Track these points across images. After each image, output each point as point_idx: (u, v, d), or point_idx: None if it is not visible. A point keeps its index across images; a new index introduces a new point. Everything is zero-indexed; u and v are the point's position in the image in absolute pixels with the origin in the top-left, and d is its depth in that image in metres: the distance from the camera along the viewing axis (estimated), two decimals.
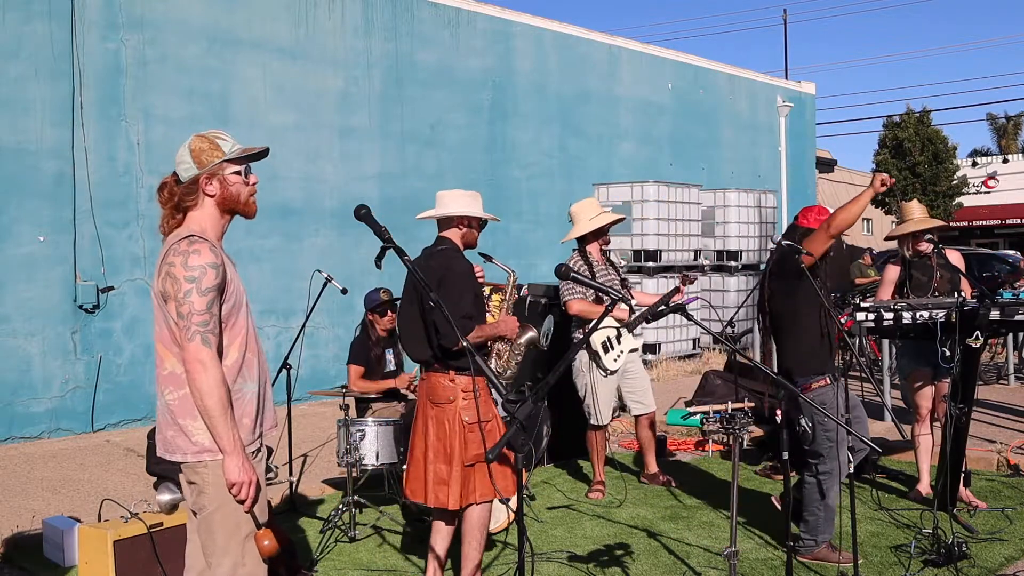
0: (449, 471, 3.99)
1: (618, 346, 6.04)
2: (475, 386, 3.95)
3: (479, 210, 4.21)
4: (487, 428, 3.98)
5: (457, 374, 4.00)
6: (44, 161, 8.47)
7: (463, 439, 3.97)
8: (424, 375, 4.15)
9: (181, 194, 2.89)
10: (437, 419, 4.04)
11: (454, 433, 3.99)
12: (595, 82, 14.05)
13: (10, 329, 8.23)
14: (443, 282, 3.97)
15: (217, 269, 2.79)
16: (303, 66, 10.40)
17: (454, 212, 4.15)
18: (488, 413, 4.05)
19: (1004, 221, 28.88)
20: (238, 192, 2.93)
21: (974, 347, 4.91)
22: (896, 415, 6.49)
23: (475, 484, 4.00)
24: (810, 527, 4.70)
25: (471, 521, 4.07)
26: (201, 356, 2.73)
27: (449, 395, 4.01)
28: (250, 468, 2.81)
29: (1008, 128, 43.67)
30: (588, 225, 6.06)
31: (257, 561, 2.89)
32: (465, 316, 3.97)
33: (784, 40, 34.10)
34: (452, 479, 3.98)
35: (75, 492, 6.31)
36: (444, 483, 4.00)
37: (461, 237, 4.19)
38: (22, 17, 8.38)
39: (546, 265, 12.68)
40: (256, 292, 2.86)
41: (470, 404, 3.97)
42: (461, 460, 3.97)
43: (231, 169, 2.91)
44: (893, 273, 5.80)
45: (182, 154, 2.90)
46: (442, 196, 4.22)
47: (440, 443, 4.02)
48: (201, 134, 2.92)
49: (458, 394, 4.00)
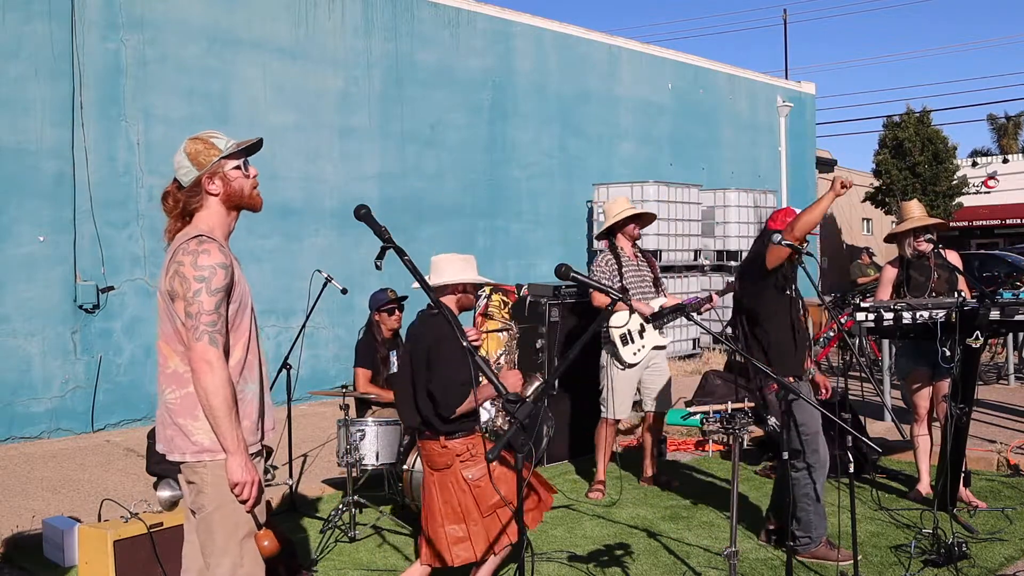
0: (465, 528, 3.97)
1: (639, 340, 6.05)
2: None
3: (474, 275, 4.22)
4: (495, 476, 3.96)
5: (447, 439, 3.97)
6: (44, 161, 8.47)
7: (473, 496, 3.96)
8: (420, 442, 4.14)
9: (186, 199, 2.89)
10: (440, 484, 4.03)
11: (463, 493, 3.97)
12: (595, 82, 14.05)
13: (10, 329, 8.23)
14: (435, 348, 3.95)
15: (227, 269, 2.80)
16: (303, 66, 10.40)
17: (449, 280, 4.14)
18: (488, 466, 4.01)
19: (1004, 221, 28.85)
20: (241, 187, 2.94)
21: (974, 347, 4.91)
22: (896, 415, 6.49)
23: (504, 526, 3.98)
24: (803, 524, 4.71)
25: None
26: (208, 356, 2.74)
27: (446, 461, 3.99)
28: (252, 468, 2.82)
29: (1008, 128, 43.65)
30: (611, 220, 6.17)
31: (255, 561, 2.89)
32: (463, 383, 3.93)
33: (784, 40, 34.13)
34: (472, 534, 3.96)
35: (75, 492, 6.31)
36: (463, 540, 3.97)
37: (457, 302, 4.17)
38: (22, 17, 8.38)
39: (546, 265, 12.68)
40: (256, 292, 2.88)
41: (468, 463, 3.96)
42: (479, 514, 3.96)
43: (231, 165, 2.92)
44: (891, 273, 5.80)
45: (179, 159, 2.90)
46: (436, 263, 4.21)
47: (448, 506, 4.00)
48: (194, 136, 2.93)
49: (454, 459, 3.97)
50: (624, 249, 6.17)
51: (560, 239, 13.25)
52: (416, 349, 4.06)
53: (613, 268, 6.06)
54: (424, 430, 4.05)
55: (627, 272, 6.07)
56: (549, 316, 6.82)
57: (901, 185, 26.08)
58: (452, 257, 4.24)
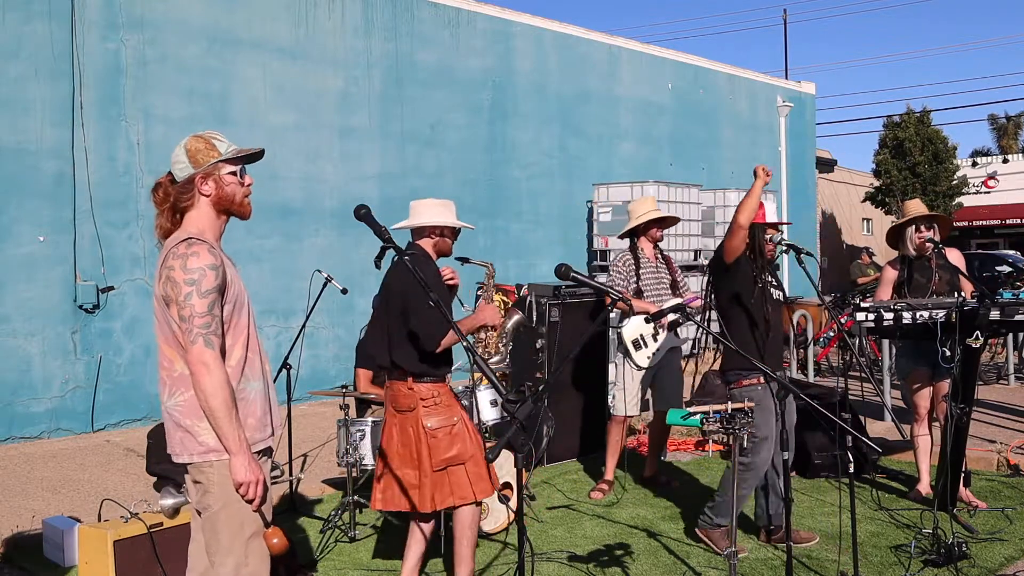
0: (418, 476, 3.98)
1: (653, 344, 6.06)
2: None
3: (452, 219, 4.24)
4: (453, 432, 3.98)
5: (415, 381, 3.98)
6: (44, 161, 8.47)
7: (428, 445, 3.96)
8: (388, 383, 4.13)
9: (177, 193, 2.90)
10: (401, 426, 4.03)
11: (419, 440, 3.97)
12: (595, 82, 14.05)
13: (10, 329, 8.23)
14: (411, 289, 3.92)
15: (217, 270, 2.80)
16: (303, 66, 10.40)
17: (426, 222, 4.16)
18: (452, 417, 4.03)
19: (1004, 221, 28.85)
20: (233, 192, 2.94)
21: (974, 347, 4.91)
22: (896, 415, 6.48)
23: (451, 487, 3.98)
24: (715, 507, 4.89)
25: (460, 522, 4.06)
26: (204, 358, 2.74)
27: (410, 403, 3.99)
28: (257, 467, 2.82)
29: (1008, 128, 43.65)
30: (634, 221, 6.17)
31: (260, 561, 2.89)
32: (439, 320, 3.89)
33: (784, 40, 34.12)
34: (422, 484, 3.97)
35: (75, 492, 6.31)
36: (414, 488, 3.99)
37: (434, 246, 4.19)
38: (22, 17, 8.38)
39: (546, 265, 12.68)
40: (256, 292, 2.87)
41: (431, 410, 3.97)
42: (430, 465, 3.95)
43: (227, 169, 2.93)
44: (891, 273, 5.79)
45: (178, 154, 2.91)
46: (415, 206, 4.23)
47: (406, 449, 4.01)
48: (197, 134, 2.93)
49: (418, 402, 3.97)
50: (644, 250, 6.18)
51: (560, 239, 13.25)
52: (391, 292, 4.06)
53: (631, 268, 6.07)
54: (393, 371, 4.05)
55: (644, 273, 6.08)
56: (549, 316, 6.83)
57: (901, 185, 26.08)
58: (430, 201, 4.26)
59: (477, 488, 4.01)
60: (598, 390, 7.14)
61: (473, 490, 4.00)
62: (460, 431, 4.02)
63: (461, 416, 4.09)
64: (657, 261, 6.23)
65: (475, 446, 4.08)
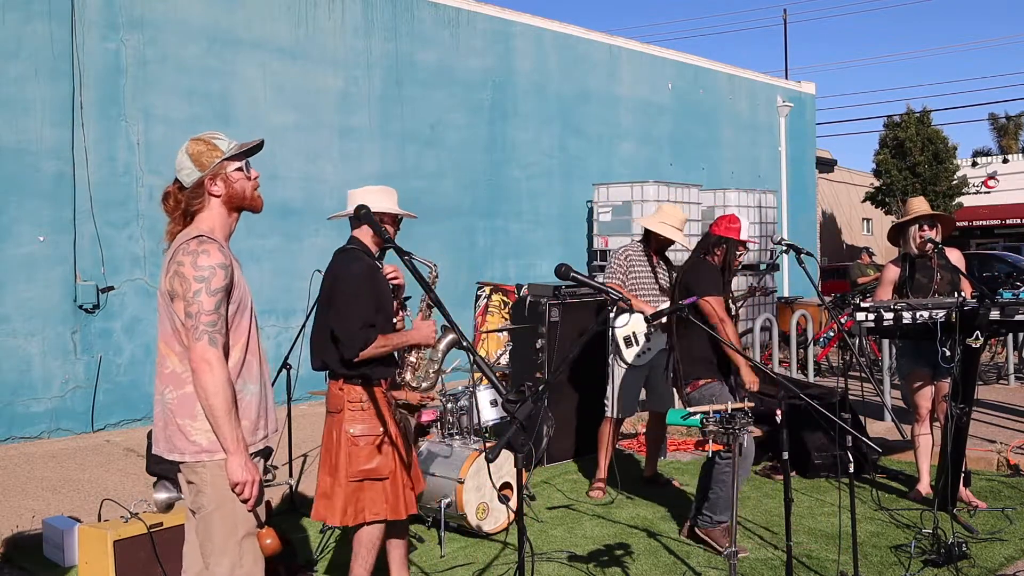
0: (333, 484, 3.73)
1: (645, 343, 6.04)
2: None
3: (391, 205, 3.90)
4: (375, 443, 3.71)
5: (345, 383, 3.73)
6: (44, 161, 8.46)
7: (347, 453, 3.71)
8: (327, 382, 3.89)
9: (187, 199, 2.90)
10: (328, 428, 3.80)
11: (339, 445, 3.72)
12: (595, 82, 14.05)
13: (10, 329, 8.23)
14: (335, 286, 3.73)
15: (226, 270, 2.81)
16: (303, 66, 10.40)
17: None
18: (378, 427, 3.73)
19: (1004, 221, 28.86)
20: (243, 188, 2.96)
21: (974, 347, 4.91)
22: (896, 415, 6.49)
23: (365, 502, 3.72)
24: (711, 505, 4.96)
25: (359, 539, 3.80)
26: (208, 356, 2.74)
27: (337, 405, 3.75)
28: (253, 467, 2.82)
29: (1008, 128, 43.63)
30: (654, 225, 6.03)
31: (255, 561, 2.89)
32: (366, 324, 3.66)
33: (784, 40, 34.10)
34: (335, 493, 3.71)
35: (75, 492, 6.31)
36: (327, 496, 3.75)
37: (372, 236, 3.84)
38: (22, 17, 8.38)
39: (546, 265, 12.68)
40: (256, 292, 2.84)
41: (356, 416, 3.70)
42: (345, 475, 3.70)
43: (233, 166, 2.94)
44: (893, 273, 5.78)
45: (181, 160, 2.91)
46: (353, 194, 3.87)
47: (328, 453, 3.78)
48: (196, 137, 2.94)
49: (345, 404, 3.72)
50: (653, 253, 6.13)
51: (560, 239, 13.25)
52: (322, 287, 3.83)
53: (633, 261, 6.04)
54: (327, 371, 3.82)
55: (640, 273, 6.05)
56: (549, 316, 6.83)
57: (901, 185, 26.10)
58: (368, 188, 3.93)
59: (391, 507, 3.75)
60: (598, 390, 7.14)
61: (387, 507, 3.74)
62: (386, 444, 3.74)
63: (392, 429, 3.78)
64: (659, 265, 6.19)
65: (400, 465, 3.80)
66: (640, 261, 6.07)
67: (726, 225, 5.04)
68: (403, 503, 3.80)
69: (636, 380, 6.10)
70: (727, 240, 5.01)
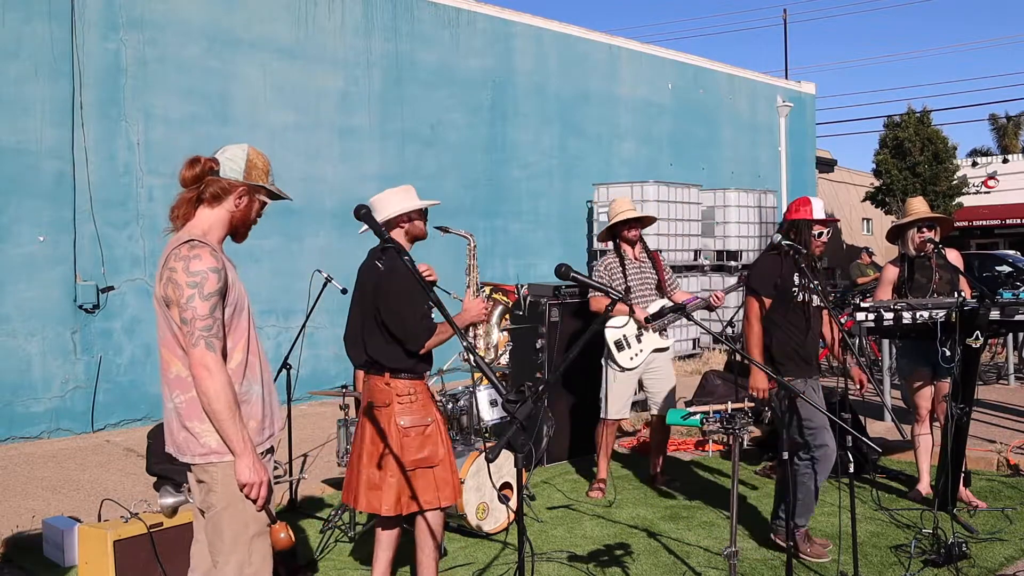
0: (382, 476, 3.85)
1: (636, 345, 6.02)
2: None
3: (414, 202, 4.06)
4: (426, 432, 3.88)
5: (392, 377, 3.87)
6: (44, 161, 8.47)
7: (399, 444, 3.84)
8: (365, 377, 4.03)
9: (209, 183, 2.90)
10: (373, 423, 3.92)
11: (389, 437, 3.85)
12: (595, 82, 14.05)
13: (10, 329, 8.23)
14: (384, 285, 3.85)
15: (219, 273, 2.81)
16: (303, 66, 10.40)
17: (391, 213, 4.00)
18: (426, 417, 3.91)
19: (1004, 221, 28.83)
20: (252, 218, 3.04)
21: (974, 347, 4.91)
22: (896, 415, 6.48)
23: (417, 491, 3.86)
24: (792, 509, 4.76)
25: (422, 528, 3.93)
26: (206, 361, 2.75)
27: (385, 399, 3.88)
28: (261, 468, 2.83)
29: (1008, 128, 43.61)
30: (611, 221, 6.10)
31: (263, 561, 2.90)
32: (424, 316, 3.84)
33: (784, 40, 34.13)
34: (385, 484, 3.84)
35: (75, 492, 6.31)
36: (376, 488, 3.87)
37: (406, 234, 4.04)
38: (22, 17, 8.38)
39: (546, 265, 12.68)
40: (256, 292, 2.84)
41: (406, 408, 3.86)
42: (397, 465, 3.83)
43: (263, 197, 3.02)
44: (892, 273, 5.78)
45: (236, 154, 2.94)
46: (375, 202, 4.03)
47: (374, 447, 3.89)
48: (258, 151, 3.00)
49: (393, 398, 3.87)
50: (627, 251, 6.12)
51: (560, 239, 13.25)
52: (364, 287, 3.97)
53: (613, 270, 6.04)
54: (370, 366, 3.96)
55: (631, 273, 6.04)
56: (549, 316, 6.82)
57: (901, 185, 26.09)
58: (388, 192, 4.11)
59: (443, 494, 3.89)
60: (598, 390, 7.14)
61: (439, 495, 3.88)
62: (433, 433, 3.91)
63: (436, 418, 3.97)
64: (640, 261, 6.15)
65: (446, 451, 3.97)
66: (617, 269, 6.05)
67: (797, 207, 4.87)
68: (451, 488, 3.95)
69: (628, 382, 6.08)
70: (799, 223, 4.78)
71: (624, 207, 6.17)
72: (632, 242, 6.13)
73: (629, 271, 6.03)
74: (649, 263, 6.17)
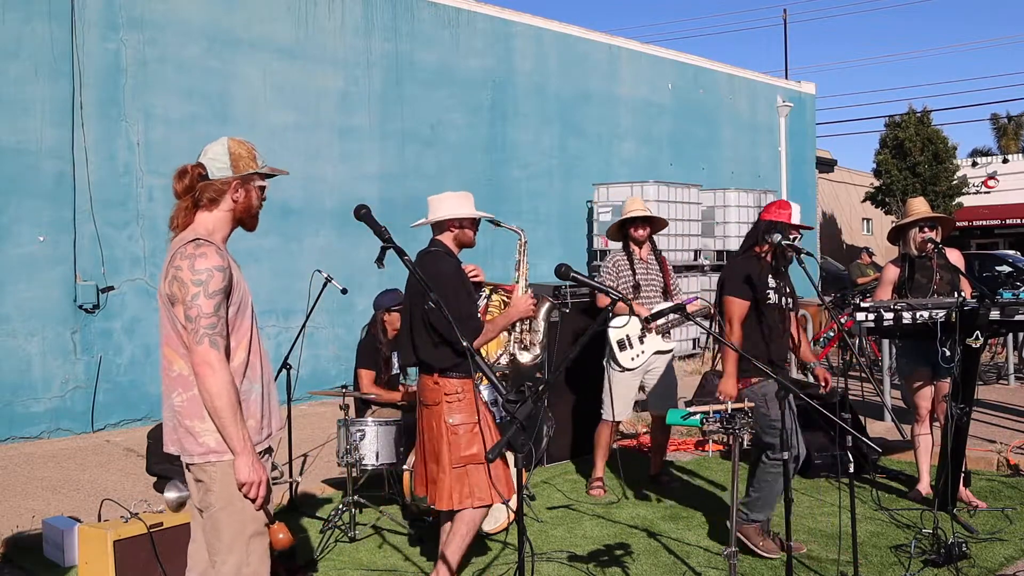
0: (438, 471, 4.00)
1: (639, 346, 6.03)
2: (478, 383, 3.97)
3: (470, 210, 4.21)
4: (474, 430, 3.97)
5: (441, 376, 4.00)
6: (44, 161, 8.46)
7: (448, 442, 3.97)
8: (418, 376, 4.19)
9: (203, 190, 2.89)
10: (427, 420, 4.07)
11: (440, 435, 3.99)
12: (595, 82, 14.05)
13: (10, 329, 8.23)
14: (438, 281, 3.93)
15: (224, 272, 2.81)
16: (303, 66, 10.40)
17: (443, 216, 4.16)
18: (475, 415, 4.01)
19: (1004, 221, 28.83)
20: (255, 204, 3.01)
21: (974, 347, 4.91)
22: (896, 415, 6.48)
23: (471, 487, 3.97)
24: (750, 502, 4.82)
25: (460, 521, 4.03)
26: (209, 358, 2.75)
27: (435, 398, 4.01)
28: (260, 467, 2.83)
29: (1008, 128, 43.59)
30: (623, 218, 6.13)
31: (261, 560, 2.90)
32: (468, 316, 3.96)
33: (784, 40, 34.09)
34: (440, 480, 3.98)
35: (75, 492, 6.31)
36: (432, 483, 4.04)
37: (454, 239, 4.19)
38: (22, 17, 8.38)
39: (546, 265, 12.66)
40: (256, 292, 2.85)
41: (455, 406, 3.97)
42: (449, 462, 3.96)
43: (259, 182, 2.99)
44: (892, 273, 5.78)
45: (218, 152, 2.91)
46: (432, 201, 4.22)
47: (431, 444, 4.06)
48: (238, 139, 2.97)
49: (442, 397, 3.99)
50: (635, 251, 6.13)
51: (560, 239, 13.25)
52: (411, 289, 4.09)
53: (621, 267, 6.05)
54: (421, 366, 4.09)
55: (638, 273, 6.04)
56: (549, 316, 6.81)
57: (901, 185, 26.09)
58: (447, 194, 4.25)
59: (496, 491, 4.00)
60: (598, 390, 7.14)
61: (492, 492, 3.99)
62: (482, 430, 4.00)
63: (484, 415, 4.07)
64: (648, 263, 6.16)
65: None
66: (625, 266, 6.05)
67: (775, 210, 4.90)
68: (504, 483, 4.06)
69: (631, 383, 6.08)
70: (779, 225, 4.80)
71: (636, 206, 6.22)
72: (640, 242, 6.14)
73: (637, 268, 6.04)
74: (656, 266, 6.19)
